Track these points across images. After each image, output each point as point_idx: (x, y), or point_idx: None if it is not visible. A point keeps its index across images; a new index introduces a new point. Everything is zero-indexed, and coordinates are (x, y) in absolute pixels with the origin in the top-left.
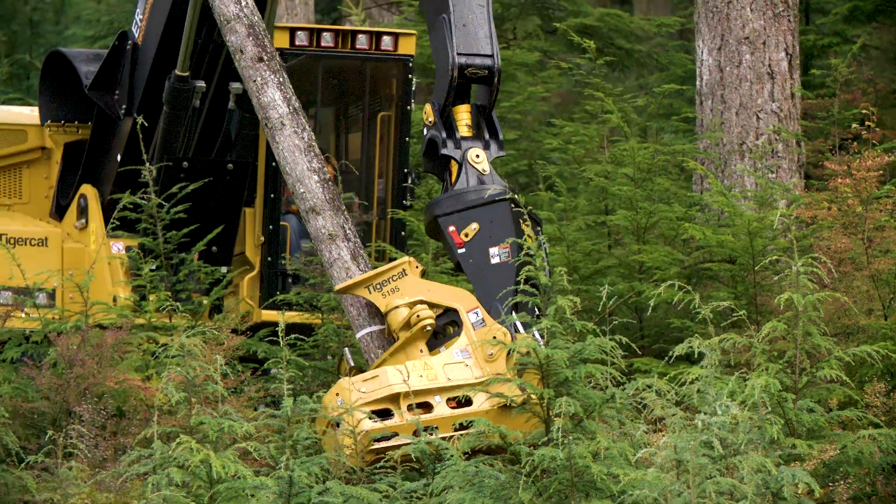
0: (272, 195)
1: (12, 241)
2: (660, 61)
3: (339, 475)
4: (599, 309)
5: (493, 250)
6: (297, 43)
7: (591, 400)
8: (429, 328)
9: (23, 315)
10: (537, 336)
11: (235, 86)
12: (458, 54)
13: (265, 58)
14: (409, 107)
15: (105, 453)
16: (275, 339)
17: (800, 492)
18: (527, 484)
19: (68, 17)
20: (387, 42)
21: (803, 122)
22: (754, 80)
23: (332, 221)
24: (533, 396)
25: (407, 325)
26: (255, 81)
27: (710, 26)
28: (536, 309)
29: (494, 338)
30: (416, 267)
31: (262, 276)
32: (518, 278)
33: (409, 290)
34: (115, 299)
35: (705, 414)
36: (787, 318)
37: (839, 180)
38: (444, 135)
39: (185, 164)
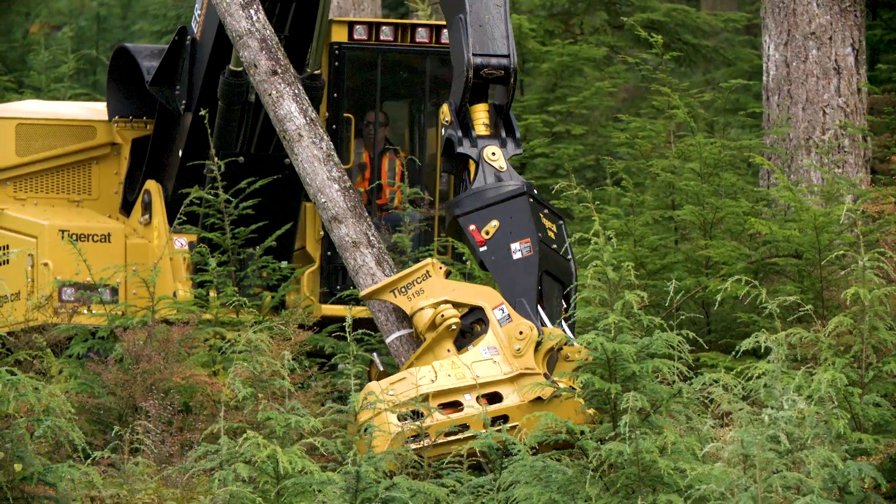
0: None
1: (75, 237)
2: (726, 56)
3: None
4: (666, 304)
5: (515, 246)
6: (355, 37)
7: (659, 395)
8: (454, 327)
9: (85, 312)
10: (565, 328)
11: None
12: (474, 55)
13: (279, 70)
14: None
15: (171, 449)
16: (341, 334)
17: (866, 486)
18: (594, 478)
19: (135, 12)
20: (447, 35)
21: (870, 117)
22: (821, 75)
23: (354, 229)
24: (565, 390)
25: (432, 325)
26: (270, 95)
27: (776, 21)
28: (563, 302)
29: (521, 333)
30: (440, 268)
31: (323, 271)
32: (585, 272)
33: (433, 291)
34: (175, 294)
35: (772, 408)
36: (854, 313)
37: None
38: (459, 134)
39: (241, 159)
